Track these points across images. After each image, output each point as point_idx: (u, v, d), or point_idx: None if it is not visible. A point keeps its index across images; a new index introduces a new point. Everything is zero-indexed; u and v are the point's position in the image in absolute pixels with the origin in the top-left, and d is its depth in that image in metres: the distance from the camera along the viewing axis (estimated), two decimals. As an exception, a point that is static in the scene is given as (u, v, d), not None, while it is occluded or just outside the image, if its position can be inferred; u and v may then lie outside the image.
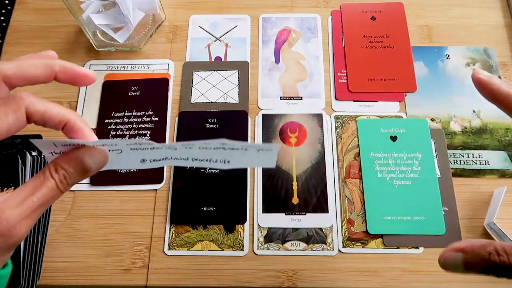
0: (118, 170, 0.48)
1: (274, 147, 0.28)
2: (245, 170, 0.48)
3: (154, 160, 0.29)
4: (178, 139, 0.50)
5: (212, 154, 0.29)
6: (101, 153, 0.27)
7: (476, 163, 0.48)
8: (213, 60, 0.54)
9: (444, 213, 0.46)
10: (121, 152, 0.28)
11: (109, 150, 0.28)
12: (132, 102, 0.52)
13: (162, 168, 0.48)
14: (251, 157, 0.29)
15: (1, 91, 0.26)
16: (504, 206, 0.45)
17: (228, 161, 0.29)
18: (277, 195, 0.47)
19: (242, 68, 0.54)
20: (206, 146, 0.28)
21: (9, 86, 0.27)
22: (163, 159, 0.29)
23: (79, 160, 0.26)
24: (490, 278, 0.43)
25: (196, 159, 0.29)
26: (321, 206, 0.46)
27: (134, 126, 0.50)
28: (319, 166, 0.48)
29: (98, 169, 0.27)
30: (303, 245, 0.45)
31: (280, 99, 0.52)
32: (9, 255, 0.24)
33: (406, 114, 0.51)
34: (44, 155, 0.29)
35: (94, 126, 0.51)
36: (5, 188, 0.43)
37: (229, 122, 0.50)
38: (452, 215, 0.46)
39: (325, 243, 0.45)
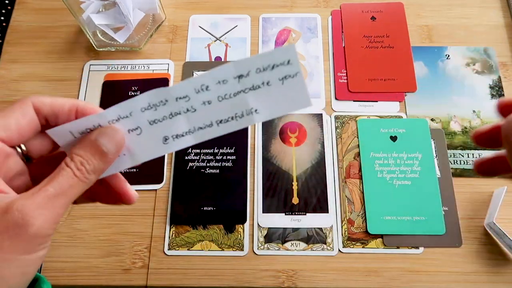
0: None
1: (290, 48, 0.24)
2: (245, 170, 0.48)
3: (177, 137, 0.26)
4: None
5: (235, 106, 0.25)
6: (114, 129, 0.25)
7: (476, 163, 0.48)
8: (213, 60, 0.54)
9: (444, 213, 0.46)
10: (141, 132, 0.26)
11: (128, 131, 0.26)
12: None
13: (162, 168, 0.48)
14: (279, 94, 0.25)
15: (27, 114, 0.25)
16: (504, 206, 0.45)
17: (256, 110, 0.25)
18: (277, 195, 0.47)
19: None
20: (226, 93, 0.25)
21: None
22: (186, 133, 0.26)
23: (91, 141, 0.24)
24: (490, 278, 0.43)
25: (221, 121, 0.25)
26: (321, 206, 0.46)
27: (134, 126, 0.50)
28: (319, 166, 0.48)
29: (116, 149, 0.25)
30: (303, 245, 0.45)
31: (280, 99, 0.52)
32: (34, 252, 0.22)
33: (406, 114, 0.51)
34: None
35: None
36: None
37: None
38: (452, 215, 0.46)
39: (325, 243, 0.45)
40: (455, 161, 0.48)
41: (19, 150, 0.25)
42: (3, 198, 0.22)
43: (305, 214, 0.46)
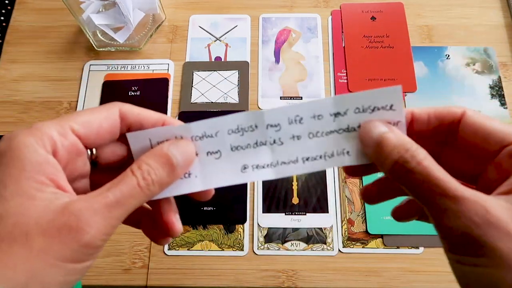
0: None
1: (395, 90, 0.22)
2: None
3: (257, 167, 0.24)
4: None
5: (326, 145, 0.23)
6: (187, 142, 0.24)
7: (476, 163, 0.48)
8: (213, 60, 0.54)
9: (444, 213, 0.46)
10: (220, 156, 0.24)
11: (207, 153, 0.24)
12: (132, 102, 0.50)
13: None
14: None
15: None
16: (504, 206, 0.45)
17: (348, 152, 0.23)
18: (277, 195, 0.47)
19: (242, 68, 0.54)
20: (318, 131, 0.23)
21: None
22: (267, 166, 0.24)
23: (162, 152, 0.23)
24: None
25: (307, 159, 0.24)
26: (321, 206, 0.46)
27: (134, 126, 0.50)
28: (319, 166, 0.48)
29: (186, 162, 0.24)
30: (303, 245, 0.45)
31: (280, 99, 0.52)
32: (82, 262, 0.20)
33: (406, 114, 0.51)
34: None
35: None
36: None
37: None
38: (452, 215, 0.46)
39: (325, 243, 0.45)
40: (455, 161, 0.48)
41: (89, 152, 0.24)
42: (61, 197, 0.20)
43: (305, 214, 0.46)
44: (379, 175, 0.25)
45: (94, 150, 0.24)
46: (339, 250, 0.45)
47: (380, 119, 0.22)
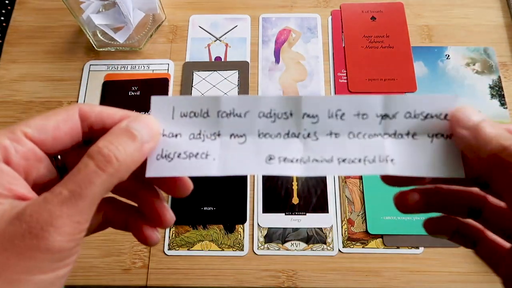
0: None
1: (452, 98, 0.20)
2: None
3: (284, 160, 0.21)
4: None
5: (367, 148, 0.21)
6: (149, 117, 0.22)
7: (476, 163, 0.48)
8: (213, 60, 0.54)
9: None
10: (244, 141, 0.22)
11: (231, 136, 0.22)
12: (132, 102, 0.52)
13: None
14: (423, 153, 0.21)
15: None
16: (504, 206, 0.45)
17: (392, 160, 0.21)
18: (277, 195, 0.47)
19: (242, 68, 0.54)
20: (360, 132, 0.21)
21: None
22: (296, 160, 0.21)
23: (121, 127, 0.21)
24: (489, 279, 0.43)
25: (344, 160, 0.21)
26: (321, 206, 0.46)
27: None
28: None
29: (151, 136, 0.21)
30: (303, 245, 0.45)
31: (280, 99, 0.52)
32: (51, 272, 0.18)
33: (406, 114, 0.51)
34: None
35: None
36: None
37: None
38: (452, 215, 0.46)
39: (325, 243, 0.45)
40: (455, 161, 0.48)
41: (59, 157, 0.23)
42: (18, 204, 0.18)
43: (305, 214, 0.46)
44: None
45: (59, 156, 0.23)
46: (339, 250, 0.45)
47: (431, 129, 0.21)
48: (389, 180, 0.24)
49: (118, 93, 0.52)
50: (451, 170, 0.21)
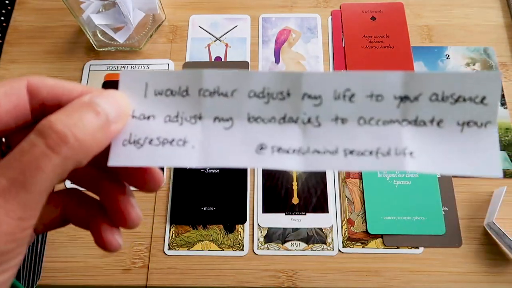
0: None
1: (493, 75, 0.16)
2: (245, 170, 0.48)
3: (278, 150, 0.18)
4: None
5: (381, 137, 0.17)
6: (118, 93, 0.19)
7: (476, 163, 0.48)
8: (213, 60, 0.55)
9: (444, 213, 0.46)
10: (231, 126, 0.18)
11: (215, 119, 0.18)
12: None
13: (162, 167, 0.48)
14: (452, 145, 0.17)
15: None
16: (504, 206, 0.45)
17: (412, 153, 0.17)
18: (277, 195, 0.47)
19: (242, 68, 0.54)
20: (374, 117, 0.17)
21: None
22: (293, 151, 0.18)
23: (83, 101, 0.17)
24: (489, 279, 0.43)
25: (352, 152, 0.17)
26: (321, 206, 0.46)
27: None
28: (319, 166, 0.48)
29: (119, 114, 0.18)
30: (303, 245, 0.45)
31: (280, 99, 0.52)
32: None
33: (406, 114, 0.51)
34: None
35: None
36: None
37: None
38: (452, 215, 0.46)
39: (325, 243, 0.45)
40: (455, 161, 0.48)
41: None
42: None
43: (305, 214, 0.46)
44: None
45: (3, 138, 0.19)
46: (339, 250, 0.45)
47: (463, 115, 0.17)
48: None
49: (118, 93, 0.52)
50: (486, 167, 0.17)
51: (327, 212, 0.46)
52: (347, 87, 0.17)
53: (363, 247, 0.45)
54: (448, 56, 0.54)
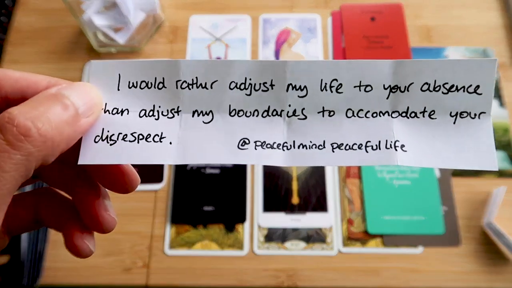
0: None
1: (488, 63, 0.16)
2: (245, 169, 0.48)
3: (262, 146, 0.17)
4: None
5: (370, 130, 0.17)
6: (88, 85, 0.17)
7: (475, 163, 0.48)
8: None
9: (443, 213, 0.46)
10: (211, 120, 0.17)
11: (193, 113, 0.17)
12: None
13: (162, 167, 0.48)
14: (445, 138, 0.16)
15: None
16: (503, 206, 0.45)
17: (403, 146, 0.16)
18: (277, 195, 0.47)
19: (242, 68, 0.54)
20: (362, 109, 0.16)
21: None
22: (278, 146, 0.17)
23: (50, 93, 0.16)
24: (488, 278, 0.43)
25: (340, 146, 0.17)
26: (321, 206, 0.46)
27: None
28: (319, 166, 0.48)
29: (89, 107, 0.16)
30: (303, 244, 0.45)
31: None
32: None
33: (405, 114, 0.51)
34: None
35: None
36: None
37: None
38: (451, 215, 0.46)
39: (325, 243, 0.45)
40: (454, 161, 0.48)
41: None
42: None
43: (305, 214, 0.46)
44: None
45: None
46: (338, 249, 0.45)
47: (455, 105, 0.16)
48: None
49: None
50: (481, 160, 0.16)
51: (327, 212, 0.46)
52: (334, 77, 0.17)
53: (362, 247, 0.45)
54: (447, 56, 0.54)
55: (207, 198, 0.47)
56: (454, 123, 0.16)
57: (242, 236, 0.45)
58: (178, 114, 0.17)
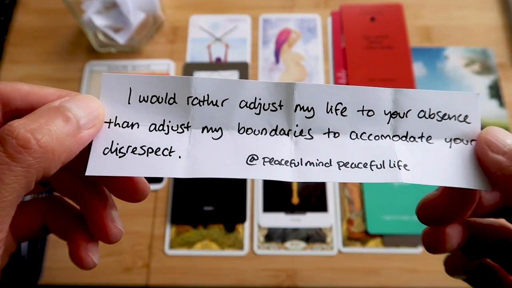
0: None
1: (471, 96, 0.17)
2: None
3: (270, 162, 0.17)
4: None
5: (374, 151, 0.18)
6: (89, 97, 0.17)
7: (475, 163, 0.48)
8: (213, 60, 0.55)
9: (443, 212, 0.46)
10: (220, 137, 0.18)
11: (203, 129, 0.18)
12: None
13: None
14: (442, 160, 0.18)
15: None
16: (503, 206, 0.45)
17: (406, 166, 0.18)
18: (277, 195, 0.47)
19: (242, 68, 0.54)
20: (365, 132, 0.18)
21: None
22: (286, 162, 0.17)
23: (53, 106, 0.16)
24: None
25: (346, 164, 0.18)
26: (321, 206, 0.46)
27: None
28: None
29: (91, 119, 0.16)
30: (303, 244, 0.45)
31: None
32: None
33: (405, 115, 0.51)
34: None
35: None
36: None
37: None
38: (451, 214, 0.46)
39: (325, 243, 0.45)
40: (454, 161, 0.48)
41: None
42: None
43: (305, 214, 0.46)
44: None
45: None
46: (338, 249, 0.45)
47: (449, 132, 0.18)
48: (428, 216, 0.20)
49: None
50: (477, 181, 0.17)
51: (327, 212, 0.46)
52: (339, 101, 0.18)
53: (362, 247, 0.45)
54: (447, 56, 0.54)
55: (207, 198, 0.47)
56: (450, 147, 0.18)
57: (242, 236, 0.45)
58: (188, 130, 0.18)
